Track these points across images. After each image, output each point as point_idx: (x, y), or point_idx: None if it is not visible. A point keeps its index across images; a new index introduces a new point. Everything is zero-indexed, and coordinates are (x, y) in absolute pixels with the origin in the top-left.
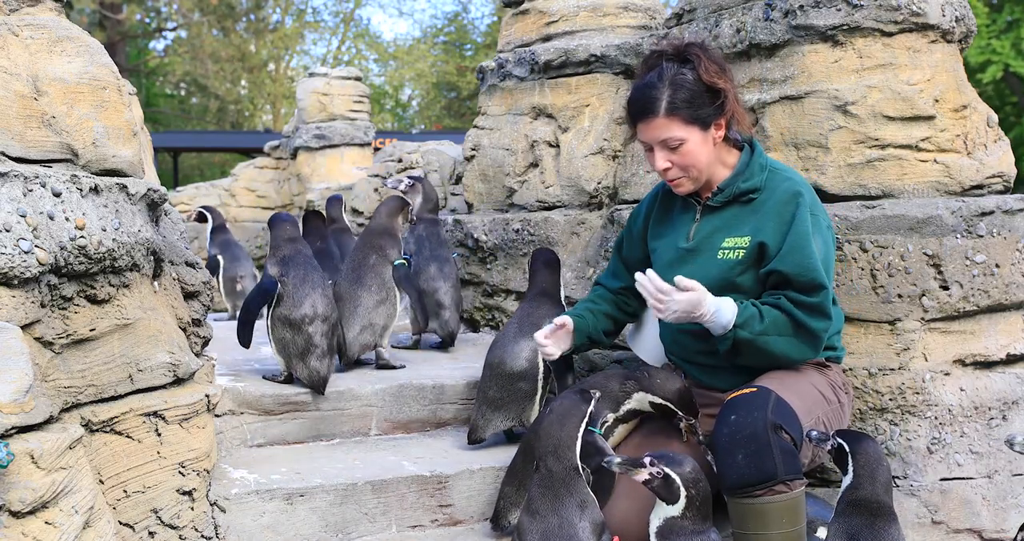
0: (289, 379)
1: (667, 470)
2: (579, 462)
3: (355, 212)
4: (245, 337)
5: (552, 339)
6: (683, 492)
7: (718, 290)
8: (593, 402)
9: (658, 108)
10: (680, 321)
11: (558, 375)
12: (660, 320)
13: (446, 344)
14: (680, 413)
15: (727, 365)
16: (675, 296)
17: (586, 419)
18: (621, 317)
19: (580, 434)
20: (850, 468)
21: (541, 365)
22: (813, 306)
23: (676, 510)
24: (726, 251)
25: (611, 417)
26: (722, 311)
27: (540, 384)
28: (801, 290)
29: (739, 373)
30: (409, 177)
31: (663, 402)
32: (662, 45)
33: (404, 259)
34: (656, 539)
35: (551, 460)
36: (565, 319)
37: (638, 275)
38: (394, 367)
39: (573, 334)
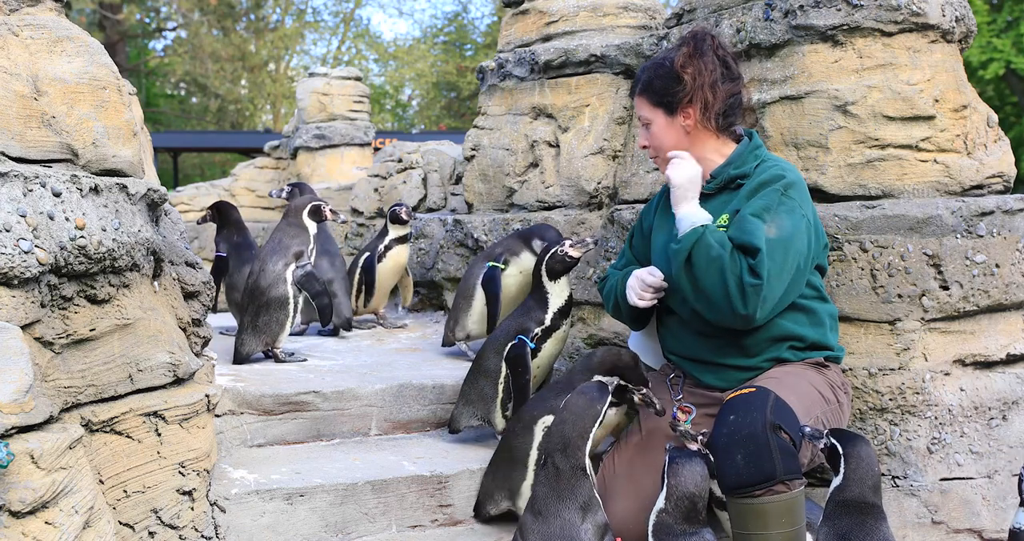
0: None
1: (674, 456)
2: (587, 462)
3: (355, 212)
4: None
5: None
6: (665, 482)
7: None
8: (608, 400)
9: (636, 87)
10: (679, 187)
11: (514, 376)
12: (660, 320)
13: (338, 331)
14: (629, 386)
15: (727, 364)
16: (688, 162)
17: (600, 419)
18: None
19: (592, 434)
20: (841, 469)
21: (504, 370)
22: (750, 266)
23: (661, 501)
24: None
25: None
26: (702, 209)
27: (500, 387)
28: (742, 251)
29: (739, 371)
30: (288, 184)
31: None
32: (696, 27)
33: (497, 263)
34: (652, 537)
35: (559, 457)
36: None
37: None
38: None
39: None
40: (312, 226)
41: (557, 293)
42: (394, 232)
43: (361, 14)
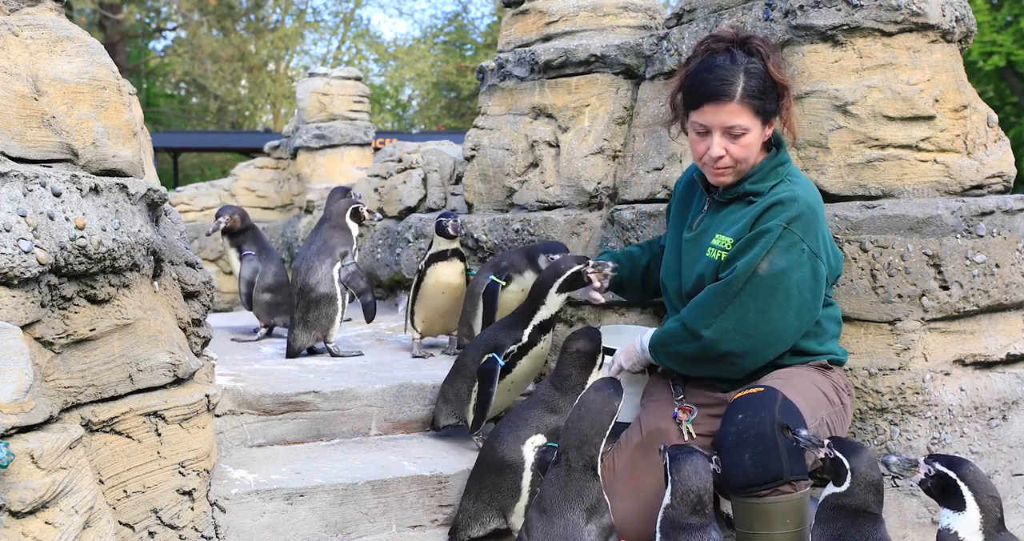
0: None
1: (666, 455)
2: (599, 461)
3: None
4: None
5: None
6: (669, 479)
7: (697, 284)
8: (623, 397)
9: (734, 92)
10: (636, 368)
11: (480, 383)
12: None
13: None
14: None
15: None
16: (616, 354)
17: (616, 415)
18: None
19: (607, 432)
20: (847, 482)
21: (479, 376)
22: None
23: (667, 497)
24: (713, 249)
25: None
26: (643, 340)
27: (473, 393)
28: (688, 331)
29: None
30: (227, 208)
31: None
32: (722, 31)
33: (498, 279)
34: (659, 533)
35: (573, 454)
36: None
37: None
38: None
39: (615, 267)
40: (354, 228)
41: (552, 306)
42: (434, 246)
43: (361, 14)
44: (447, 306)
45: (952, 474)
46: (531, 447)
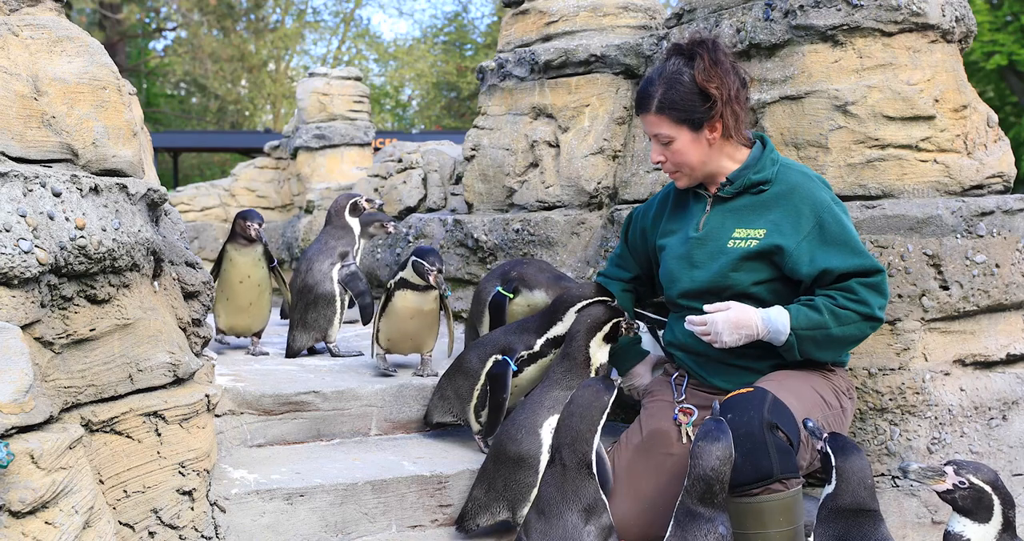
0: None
1: (701, 434)
2: (593, 458)
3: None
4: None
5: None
6: (689, 463)
7: (719, 279)
8: (615, 392)
9: (650, 105)
10: (739, 343)
11: (492, 393)
12: (670, 315)
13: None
14: (621, 323)
15: (736, 364)
16: (714, 317)
17: (607, 411)
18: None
19: (600, 428)
20: (833, 480)
21: (483, 377)
22: (874, 285)
23: (686, 480)
24: (737, 240)
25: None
26: (773, 319)
27: (476, 393)
28: (864, 275)
29: (746, 372)
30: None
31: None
32: (682, 38)
33: (506, 292)
34: (674, 518)
35: (566, 452)
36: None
37: (689, 318)
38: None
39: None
40: (356, 225)
41: (568, 322)
42: (407, 274)
43: (361, 14)
44: (416, 330)
45: (989, 489)
46: (548, 430)
